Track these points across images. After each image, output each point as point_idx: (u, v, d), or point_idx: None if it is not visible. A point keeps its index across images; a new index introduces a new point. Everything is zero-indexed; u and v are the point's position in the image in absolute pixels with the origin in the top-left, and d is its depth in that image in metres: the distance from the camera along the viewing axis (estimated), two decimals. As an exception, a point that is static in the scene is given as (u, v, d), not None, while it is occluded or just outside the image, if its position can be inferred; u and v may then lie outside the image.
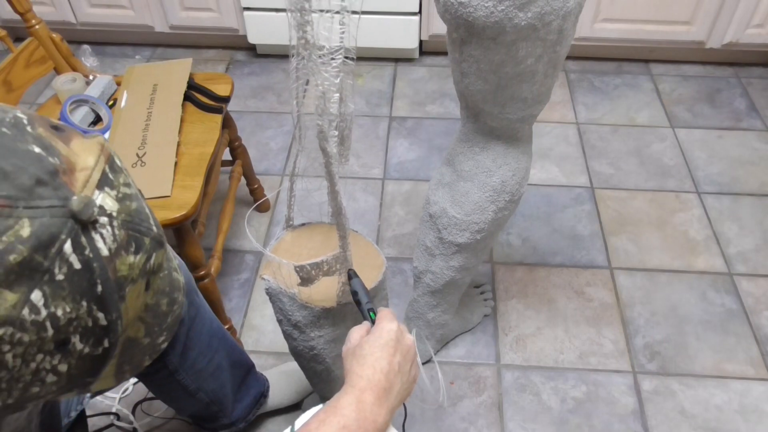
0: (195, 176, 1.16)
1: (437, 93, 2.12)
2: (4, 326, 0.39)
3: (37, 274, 0.39)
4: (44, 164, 0.41)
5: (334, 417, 0.58)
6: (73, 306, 0.42)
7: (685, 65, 2.23)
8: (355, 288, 0.78)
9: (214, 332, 1.03)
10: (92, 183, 0.44)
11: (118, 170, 0.48)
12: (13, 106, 0.46)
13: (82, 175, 0.43)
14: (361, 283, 0.79)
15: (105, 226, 0.43)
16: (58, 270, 0.40)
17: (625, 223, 1.68)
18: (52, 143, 0.43)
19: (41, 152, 0.42)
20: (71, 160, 0.44)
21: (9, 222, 0.38)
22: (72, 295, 0.41)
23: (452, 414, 1.29)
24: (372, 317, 0.73)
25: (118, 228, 0.44)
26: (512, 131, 1.03)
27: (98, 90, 1.31)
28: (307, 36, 0.62)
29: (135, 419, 1.25)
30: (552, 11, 0.81)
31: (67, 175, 0.42)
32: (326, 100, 0.65)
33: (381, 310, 0.72)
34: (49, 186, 0.41)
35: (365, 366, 0.63)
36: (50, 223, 0.40)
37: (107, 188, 0.45)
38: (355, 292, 0.78)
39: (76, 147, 0.45)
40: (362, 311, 0.76)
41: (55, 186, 0.41)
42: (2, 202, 0.38)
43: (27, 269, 0.39)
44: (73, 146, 0.45)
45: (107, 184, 0.45)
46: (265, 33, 2.15)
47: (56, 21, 2.17)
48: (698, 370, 1.36)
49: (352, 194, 1.76)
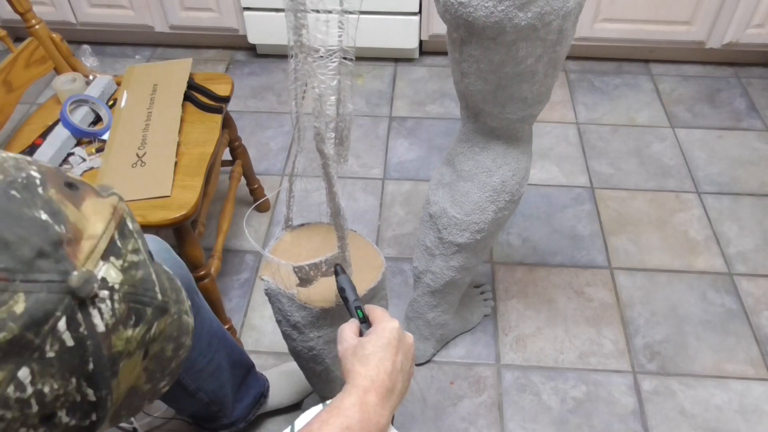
0: (195, 176, 1.16)
1: (437, 93, 2.12)
2: None
3: (27, 351, 0.38)
4: (49, 233, 0.40)
5: (337, 417, 0.58)
6: (61, 383, 0.40)
7: (685, 65, 2.23)
8: (342, 284, 0.77)
9: (214, 332, 1.03)
10: (97, 254, 0.42)
11: (128, 235, 0.46)
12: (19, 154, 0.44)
13: (88, 245, 0.42)
14: (348, 280, 0.77)
15: (105, 300, 0.42)
16: (49, 348, 0.39)
17: (625, 223, 1.68)
18: (61, 208, 0.42)
19: (47, 219, 0.40)
20: (78, 228, 0.42)
21: (3, 297, 0.37)
22: (61, 372, 0.40)
23: (452, 414, 1.29)
24: (359, 315, 0.72)
25: (119, 301, 0.43)
26: (512, 131, 1.03)
27: (98, 90, 1.31)
28: (302, 39, 0.62)
29: (135, 419, 1.25)
30: (552, 11, 0.81)
31: (71, 245, 0.41)
32: (323, 102, 0.65)
33: (373, 308, 0.72)
34: (50, 258, 0.39)
35: (369, 366, 0.63)
36: (46, 300, 0.38)
37: (113, 258, 0.43)
38: (342, 289, 0.76)
39: (88, 209, 0.43)
40: (349, 308, 0.74)
41: (57, 258, 0.40)
42: (0, 276, 0.37)
43: (16, 347, 0.37)
44: (84, 208, 0.43)
45: (113, 254, 0.43)
46: (265, 33, 2.15)
47: (56, 21, 2.17)
48: (698, 370, 1.36)
49: (352, 194, 1.76)
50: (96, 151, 1.21)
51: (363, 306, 0.73)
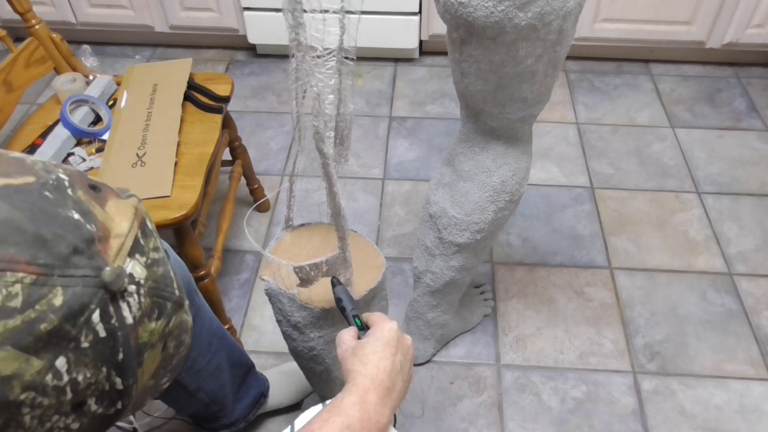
0: (195, 176, 1.16)
1: (437, 93, 2.12)
2: (27, 391, 0.39)
3: (64, 341, 0.40)
4: (82, 232, 0.42)
5: (338, 417, 0.58)
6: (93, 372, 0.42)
7: (685, 65, 2.23)
8: (339, 295, 0.79)
9: (214, 332, 1.03)
10: (125, 251, 0.45)
11: (149, 234, 0.48)
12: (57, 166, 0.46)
13: (116, 243, 0.44)
14: (344, 290, 0.79)
15: (132, 294, 0.44)
16: (84, 338, 0.41)
17: (625, 223, 1.68)
18: (90, 208, 0.44)
19: (80, 219, 0.43)
20: (107, 226, 0.44)
21: (43, 291, 0.39)
22: (94, 361, 0.42)
23: (452, 414, 1.29)
24: (357, 323, 0.74)
25: (144, 296, 0.45)
26: (512, 131, 1.03)
27: (98, 90, 1.31)
28: (300, 38, 0.62)
29: (135, 419, 1.25)
30: (552, 11, 0.81)
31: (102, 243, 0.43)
32: (321, 101, 0.65)
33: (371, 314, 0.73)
34: (84, 255, 0.42)
35: (368, 365, 0.63)
36: (82, 293, 0.41)
37: (138, 255, 0.46)
38: (339, 299, 0.78)
39: (112, 210, 0.46)
40: (347, 317, 0.76)
41: (90, 255, 0.42)
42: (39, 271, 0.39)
43: (55, 337, 0.40)
44: (108, 209, 0.46)
45: (138, 251, 0.46)
46: (265, 33, 2.15)
47: (56, 21, 2.17)
48: (698, 370, 1.36)
49: (352, 194, 1.76)
50: (96, 151, 1.21)
51: (360, 315, 0.75)
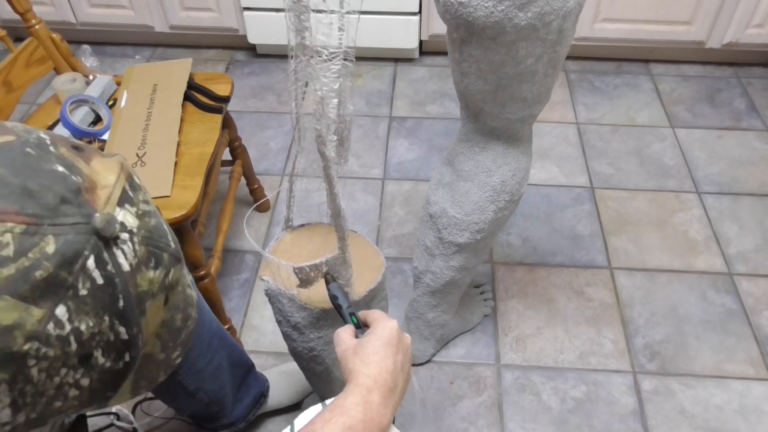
0: (195, 176, 1.16)
1: (437, 93, 2.12)
2: (31, 341, 0.39)
3: (62, 289, 0.40)
4: (68, 183, 0.43)
5: (340, 417, 0.57)
6: (96, 321, 0.43)
7: (685, 65, 2.23)
8: (334, 292, 0.78)
9: (214, 333, 1.03)
10: (113, 200, 0.45)
11: (137, 188, 0.49)
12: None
13: (104, 193, 0.45)
14: (339, 287, 0.79)
15: (126, 242, 0.45)
16: (81, 285, 0.41)
17: (625, 223, 1.68)
18: (74, 162, 0.45)
19: (64, 171, 0.43)
20: (93, 179, 0.45)
21: (35, 239, 0.39)
22: (95, 310, 0.42)
23: (452, 414, 1.29)
24: (354, 321, 0.73)
25: (139, 244, 0.46)
26: (512, 131, 1.03)
27: (98, 90, 1.31)
28: (306, 41, 0.62)
29: (135, 419, 1.25)
30: (552, 11, 0.81)
31: (89, 192, 0.44)
32: (324, 104, 0.65)
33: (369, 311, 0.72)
34: (72, 204, 0.42)
35: (371, 365, 0.62)
36: (74, 240, 0.41)
37: (128, 205, 0.46)
38: (335, 297, 0.78)
39: (97, 166, 0.46)
40: (343, 315, 0.76)
41: (79, 204, 0.42)
42: (29, 220, 0.39)
43: (52, 285, 0.40)
44: (93, 165, 0.46)
45: (127, 201, 0.46)
46: (265, 33, 2.15)
47: (56, 21, 2.17)
48: (698, 370, 1.36)
49: (352, 194, 1.76)
50: (96, 151, 1.21)
51: (357, 312, 0.74)
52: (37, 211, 0.40)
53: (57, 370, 0.41)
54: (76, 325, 0.41)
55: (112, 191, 0.45)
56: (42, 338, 0.40)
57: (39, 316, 0.39)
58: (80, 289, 0.41)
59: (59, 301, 0.40)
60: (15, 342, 0.39)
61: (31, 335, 0.39)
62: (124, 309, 0.44)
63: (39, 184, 0.41)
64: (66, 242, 0.41)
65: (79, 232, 0.41)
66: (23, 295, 0.39)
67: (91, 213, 0.43)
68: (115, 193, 0.45)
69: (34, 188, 0.41)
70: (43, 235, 0.40)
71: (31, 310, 0.39)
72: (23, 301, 0.39)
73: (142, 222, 0.47)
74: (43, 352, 0.40)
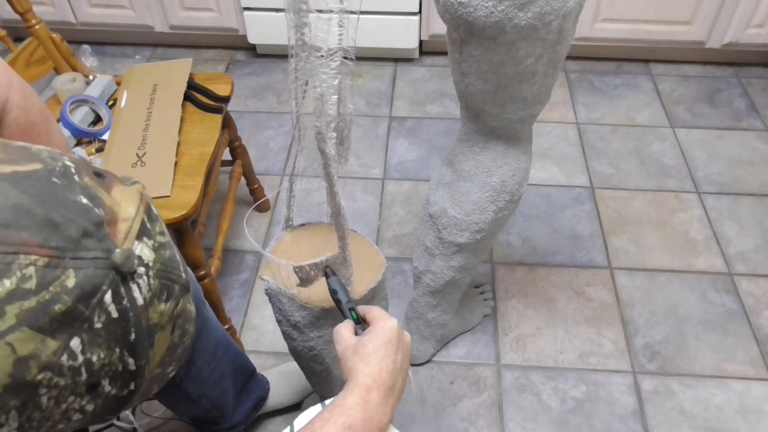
0: (195, 176, 1.16)
1: (437, 93, 2.12)
2: (44, 371, 0.40)
3: (78, 322, 0.41)
4: (91, 215, 0.43)
5: (340, 416, 0.57)
6: (107, 353, 0.43)
7: (685, 65, 2.23)
8: (333, 286, 0.77)
9: (219, 341, 1.03)
10: (132, 234, 0.45)
11: (154, 219, 0.49)
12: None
13: (124, 227, 0.45)
14: (339, 282, 0.78)
15: (142, 276, 0.45)
16: (97, 319, 0.42)
17: (625, 223, 1.68)
18: (97, 193, 0.45)
19: (88, 203, 0.44)
20: (114, 210, 0.45)
21: (56, 272, 0.40)
22: (107, 342, 0.43)
23: (452, 414, 1.29)
24: (353, 316, 0.72)
25: (153, 277, 0.46)
26: (512, 131, 1.03)
27: (98, 90, 1.31)
28: (305, 38, 0.62)
29: (135, 419, 1.25)
30: (552, 11, 0.81)
31: (110, 226, 0.44)
32: (324, 102, 0.65)
33: (370, 308, 0.72)
34: (94, 237, 0.42)
35: (371, 364, 0.62)
36: (94, 275, 0.42)
37: (145, 238, 0.47)
38: (334, 291, 0.77)
39: (117, 195, 0.47)
40: (342, 310, 0.75)
41: (100, 237, 0.43)
42: (51, 254, 0.40)
43: (70, 318, 0.40)
44: (114, 194, 0.47)
45: (146, 234, 0.47)
46: (265, 33, 2.15)
47: (56, 21, 2.17)
48: (698, 370, 1.36)
49: (352, 194, 1.76)
50: (96, 151, 1.21)
51: (356, 307, 0.74)
52: (60, 244, 0.40)
53: (65, 397, 0.42)
54: (89, 356, 0.42)
55: (131, 225, 0.46)
56: (55, 369, 0.40)
57: (54, 347, 0.40)
58: (95, 323, 0.42)
59: (74, 334, 0.41)
60: (29, 372, 0.39)
61: (45, 366, 0.40)
62: (135, 342, 0.45)
63: (63, 216, 0.41)
64: (86, 277, 0.41)
65: (98, 267, 0.42)
66: (41, 327, 0.39)
67: (111, 248, 0.43)
68: (135, 227, 0.46)
69: (59, 220, 0.41)
70: (64, 269, 0.40)
71: (47, 342, 0.40)
72: (41, 332, 0.39)
73: (157, 255, 0.47)
74: (54, 381, 0.41)
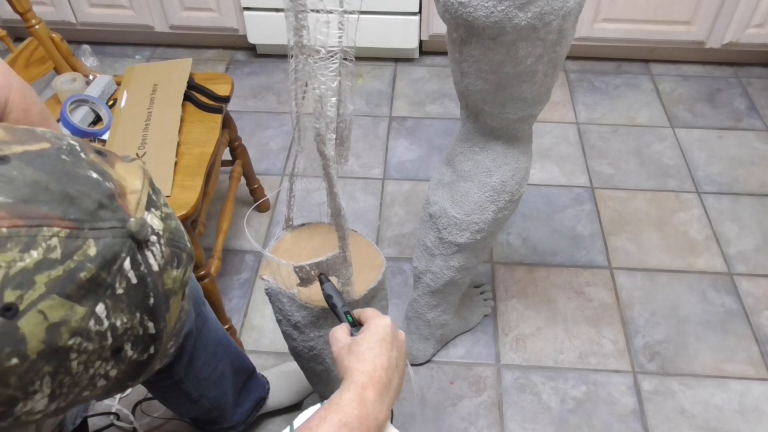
0: (195, 176, 1.16)
1: (437, 93, 2.12)
2: (75, 336, 0.42)
3: (102, 288, 0.43)
4: (103, 189, 0.45)
5: (336, 414, 0.58)
6: (129, 317, 0.46)
7: (685, 65, 2.23)
8: (328, 292, 0.79)
9: (219, 341, 1.03)
10: (142, 205, 0.48)
11: (157, 191, 0.51)
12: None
13: (133, 198, 0.47)
14: (333, 287, 0.79)
15: (155, 244, 0.47)
16: (118, 285, 0.44)
17: (625, 223, 1.68)
18: (104, 168, 0.47)
19: (98, 177, 0.46)
20: (122, 184, 0.47)
21: (78, 242, 0.42)
22: (129, 307, 0.45)
23: (452, 414, 1.29)
24: (349, 320, 0.74)
25: (165, 245, 0.49)
26: (512, 131, 1.03)
27: (98, 90, 1.31)
28: (303, 40, 0.62)
29: (135, 419, 1.25)
30: (552, 11, 0.81)
31: (121, 198, 0.46)
32: (323, 103, 0.65)
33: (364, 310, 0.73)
34: (109, 209, 0.45)
35: (365, 362, 0.63)
36: (113, 243, 0.44)
37: (153, 209, 0.49)
38: (329, 296, 0.78)
39: (121, 170, 0.49)
40: (338, 314, 0.76)
41: (114, 209, 0.45)
42: (72, 225, 0.42)
43: (94, 285, 0.43)
44: (118, 170, 0.49)
45: (153, 206, 0.49)
46: (265, 33, 2.15)
47: (56, 21, 2.17)
48: (698, 370, 1.36)
49: (352, 194, 1.76)
50: (96, 151, 1.21)
51: (351, 311, 0.75)
52: (78, 216, 0.42)
53: (93, 362, 0.44)
54: (113, 321, 0.44)
55: (140, 196, 0.48)
56: (84, 334, 0.43)
57: (82, 313, 0.42)
58: (117, 289, 0.44)
59: (99, 300, 0.43)
60: (61, 337, 0.42)
61: (75, 331, 0.42)
62: (154, 305, 0.47)
63: (77, 190, 0.43)
64: (105, 245, 0.43)
65: (116, 236, 0.44)
66: (69, 294, 0.42)
67: (126, 217, 0.45)
68: (143, 198, 0.48)
69: (74, 194, 0.43)
70: (85, 239, 0.42)
71: (75, 308, 0.42)
72: (69, 299, 0.42)
73: (165, 225, 0.49)
74: (84, 346, 0.43)
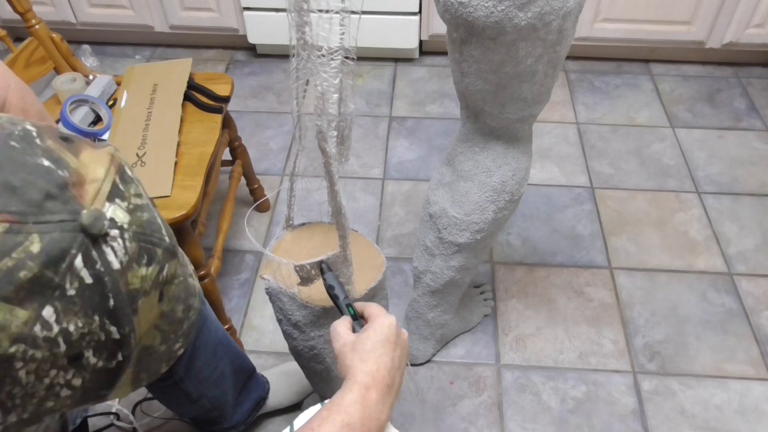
0: (195, 176, 1.16)
1: (437, 93, 2.12)
2: (17, 343, 0.38)
3: (48, 290, 0.39)
4: (53, 177, 0.41)
5: (338, 414, 0.57)
6: (85, 321, 0.41)
7: (685, 65, 2.23)
8: (330, 282, 0.76)
9: (219, 340, 1.03)
10: (102, 195, 0.43)
11: (129, 181, 0.47)
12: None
13: (92, 188, 0.43)
14: (335, 278, 0.77)
15: (116, 238, 0.43)
16: (69, 285, 0.40)
17: (625, 223, 1.68)
18: (61, 155, 0.43)
19: (50, 165, 0.41)
20: (81, 173, 0.43)
21: (19, 238, 0.38)
22: (84, 310, 0.41)
23: (452, 414, 1.29)
24: (351, 312, 0.72)
25: (130, 240, 0.44)
26: (512, 131, 1.03)
27: (98, 90, 1.31)
28: (306, 37, 0.62)
29: (135, 419, 1.25)
30: (552, 11, 0.81)
31: (76, 188, 0.42)
32: (325, 100, 0.65)
33: (367, 304, 0.71)
34: (58, 200, 0.40)
35: (369, 362, 0.62)
36: (60, 238, 0.39)
37: (118, 200, 0.44)
38: (331, 286, 0.76)
39: (86, 158, 0.44)
40: (339, 306, 0.74)
41: (65, 200, 0.41)
42: (12, 218, 0.38)
43: (38, 285, 0.39)
44: (82, 158, 0.44)
45: (118, 196, 0.44)
46: (265, 33, 2.15)
47: (56, 21, 2.17)
48: (698, 370, 1.36)
49: (352, 194, 1.76)
50: (96, 151, 1.21)
51: (353, 303, 0.73)
52: (20, 209, 0.38)
53: (46, 371, 0.41)
54: (65, 326, 0.40)
55: (101, 186, 0.43)
56: (29, 340, 0.39)
57: (25, 317, 0.38)
58: (68, 289, 0.40)
59: (46, 302, 0.39)
60: (0, 344, 0.38)
61: (17, 337, 0.38)
62: (115, 308, 0.43)
63: (22, 179, 0.39)
64: (52, 241, 0.39)
65: (65, 230, 0.40)
66: (7, 296, 0.38)
67: (78, 209, 0.41)
68: (104, 188, 0.43)
69: (17, 184, 0.39)
70: (27, 234, 0.38)
71: (16, 312, 0.38)
72: (7, 302, 0.38)
73: (133, 217, 0.45)
74: (30, 354, 0.39)
